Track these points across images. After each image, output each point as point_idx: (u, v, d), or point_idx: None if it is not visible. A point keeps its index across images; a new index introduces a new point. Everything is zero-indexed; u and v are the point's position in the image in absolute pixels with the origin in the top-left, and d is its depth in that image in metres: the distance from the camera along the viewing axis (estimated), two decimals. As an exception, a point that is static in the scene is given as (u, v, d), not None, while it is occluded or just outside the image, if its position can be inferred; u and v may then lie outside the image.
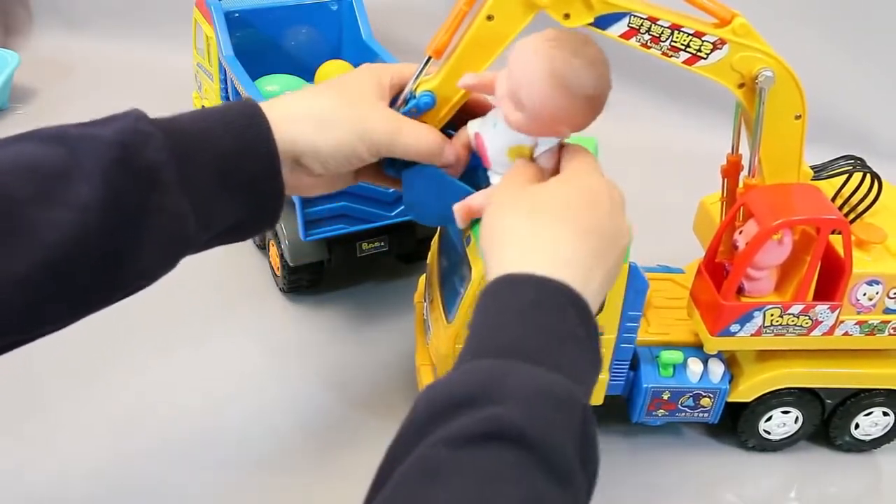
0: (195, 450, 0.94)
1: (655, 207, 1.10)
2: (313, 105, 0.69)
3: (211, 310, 1.14)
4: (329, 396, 1.01)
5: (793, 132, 0.78)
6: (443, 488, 0.45)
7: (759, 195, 0.81)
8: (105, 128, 0.59)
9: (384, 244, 1.11)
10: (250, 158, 0.64)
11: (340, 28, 1.37)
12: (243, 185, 0.64)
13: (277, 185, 0.66)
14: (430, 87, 0.71)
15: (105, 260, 0.58)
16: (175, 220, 0.61)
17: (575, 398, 0.52)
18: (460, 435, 0.48)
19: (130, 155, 0.58)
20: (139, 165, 0.58)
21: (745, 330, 0.83)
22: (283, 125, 0.65)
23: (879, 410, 0.91)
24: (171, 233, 0.61)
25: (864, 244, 0.83)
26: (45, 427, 0.96)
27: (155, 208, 0.59)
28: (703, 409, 0.90)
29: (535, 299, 0.58)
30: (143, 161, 0.59)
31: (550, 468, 0.48)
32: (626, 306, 0.83)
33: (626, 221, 0.66)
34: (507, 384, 0.51)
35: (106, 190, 0.57)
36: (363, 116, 0.68)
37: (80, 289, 0.59)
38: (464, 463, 0.47)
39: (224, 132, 0.63)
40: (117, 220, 0.58)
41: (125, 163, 0.58)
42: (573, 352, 0.57)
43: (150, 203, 0.59)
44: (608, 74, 0.67)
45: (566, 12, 0.68)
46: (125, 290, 0.62)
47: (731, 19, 0.72)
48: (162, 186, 0.59)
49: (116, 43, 1.83)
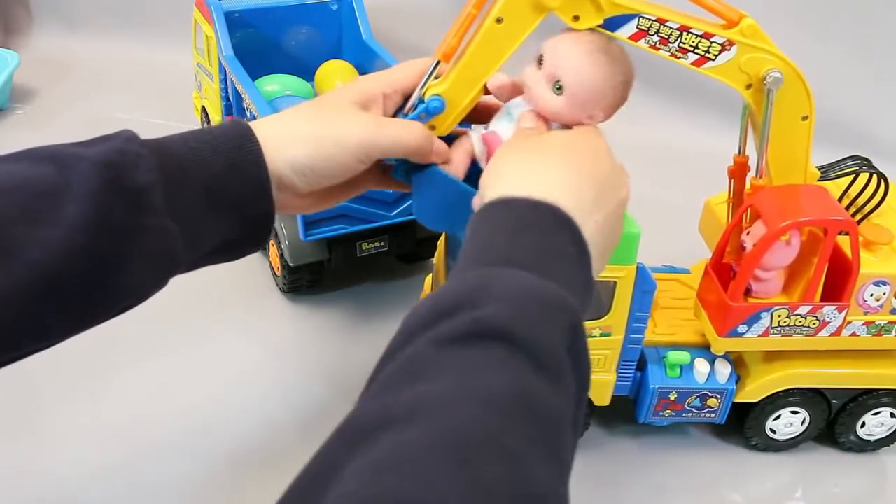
0: (195, 449, 0.94)
1: (660, 207, 1.10)
2: (293, 123, 0.68)
3: (211, 310, 1.14)
4: (329, 396, 1.02)
5: (800, 133, 0.78)
6: (427, 383, 0.45)
7: (766, 196, 0.81)
8: (95, 148, 0.59)
9: (384, 244, 1.11)
10: (240, 181, 0.64)
11: (340, 28, 1.37)
12: (233, 208, 0.64)
13: (267, 206, 0.66)
14: (440, 91, 0.71)
15: (92, 280, 0.58)
16: (163, 241, 0.61)
17: (566, 302, 0.52)
18: (447, 336, 0.47)
19: (119, 176, 0.58)
20: (128, 186, 0.58)
21: (752, 331, 0.83)
22: (271, 146, 0.65)
23: (887, 411, 0.91)
24: (159, 254, 0.61)
25: (871, 245, 0.83)
26: (44, 427, 0.96)
27: (143, 229, 0.59)
28: (709, 409, 0.90)
29: (527, 218, 0.57)
30: (133, 182, 0.58)
31: (539, 364, 0.47)
32: (634, 307, 0.83)
33: (626, 182, 0.67)
34: (494, 287, 0.50)
35: (94, 210, 0.57)
36: (338, 125, 0.68)
37: (66, 309, 0.58)
38: (449, 359, 0.46)
39: (214, 154, 0.63)
40: (105, 240, 0.57)
41: (114, 183, 0.58)
42: (566, 267, 0.56)
43: (138, 224, 0.59)
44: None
45: (576, 14, 0.68)
46: (112, 310, 0.62)
47: (739, 20, 0.72)
48: (150, 208, 0.59)
49: (116, 43, 1.83)
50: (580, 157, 0.64)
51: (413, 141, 0.69)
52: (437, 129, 0.73)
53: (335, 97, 0.71)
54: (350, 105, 0.70)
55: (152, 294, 0.64)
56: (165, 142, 0.63)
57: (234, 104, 1.25)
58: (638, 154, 1.33)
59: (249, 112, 1.15)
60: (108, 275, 0.59)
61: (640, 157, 1.36)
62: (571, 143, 0.67)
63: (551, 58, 0.68)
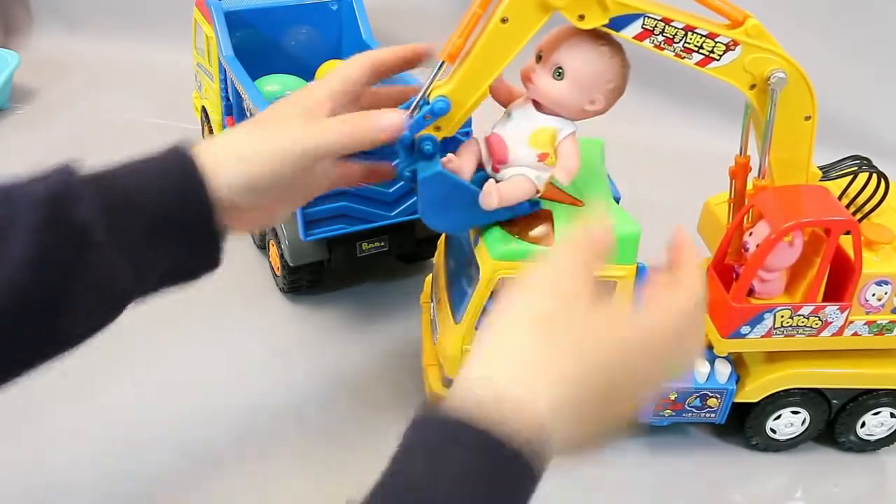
0: (195, 449, 0.94)
1: (659, 208, 1.09)
2: (233, 142, 0.68)
3: (211, 309, 1.13)
4: (329, 396, 1.02)
5: (802, 133, 0.78)
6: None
7: (769, 197, 0.81)
8: (38, 183, 0.59)
9: (384, 244, 1.11)
10: (184, 208, 0.64)
11: (340, 28, 1.37)
12: (181, 236, 0.64)
13: (216, 230, 0.65)
14: (444, 92, 0.71)
15: (37, 318, 0.58)
16: (109, 276, 0.61)
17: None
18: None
19: (60, 213, 0.58)
20: (69, 223, 0.58)
21: (755, 332, 0.83)
22: (209, 168, 0.64)
23: (887, 411, 0.92)
24: (106, 289, 0.61)
25: (872, 244, 0.83)
26: (44, 427, 0.96)
27: (86, 266, 0.59)
28: (709, 409, 0.90)
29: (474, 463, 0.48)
30: (74, 219, 0.58)
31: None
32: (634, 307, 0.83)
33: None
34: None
35: (36, 248, 0.57)
36: (275, 138, 0.67)
37: (12, 347, 0.58)
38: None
39: (159, 184, 0.63)
40: (47, 278, 0.57)
41: (55, 221, 0.58)
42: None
43: (81, 261, 0.59)
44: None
45: (581, 13, 0.68)
46: (63, 346, 0.62)
47: (743, 20, 0.72)
48: (93, 244, 0.59)
49: (116, 43, 1.83)
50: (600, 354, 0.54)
51: (364, 127, 0.68)
52: (443, 130, 0.73)
53: (276, 108, 0.71)
54: (290, 114, 0.69)
55: (106, 325, 0.64)
56: (109, 174, 0.62)
57: (234, 104, 1.25)
58: (638, 154, 1.35)
59: (249, 112, 1.15)
60: (54, 311, 0.59)
61: (640, 157, 1.37)
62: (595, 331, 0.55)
63: (551, 47, 0.70)
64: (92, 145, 1.52)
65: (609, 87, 0.73)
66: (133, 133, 1.54)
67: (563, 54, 0.71)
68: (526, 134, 0.74)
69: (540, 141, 0.74)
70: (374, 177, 0.82)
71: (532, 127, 0.74)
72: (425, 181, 0.74)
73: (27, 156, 1.47)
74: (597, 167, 0.85)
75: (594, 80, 0.71)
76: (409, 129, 0.73)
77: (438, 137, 0.74)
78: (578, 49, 0.71)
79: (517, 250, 0.76)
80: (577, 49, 0.71)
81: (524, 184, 0.75)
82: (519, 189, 0.74)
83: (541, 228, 0.77)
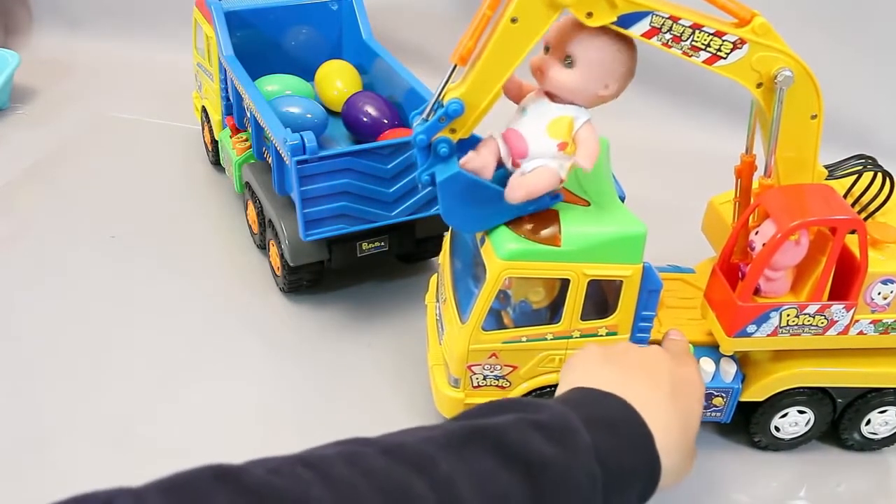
0: (194, 449, 0.93)
1: (664, 207, 1.10)
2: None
3: (211, 309, 1.14)
4: (329, 396, 1.01)
5: (809, 132, 0.78)
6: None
7: (775, 196, 0.81)
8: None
9: (384, 244, 1.11)
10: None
11: (340, 28, 1.37)
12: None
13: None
14: (458, 94, 0.71)
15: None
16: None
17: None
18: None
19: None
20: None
21: (761, 330, 0.83)
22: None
23: (893, 409, 0.91)
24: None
25: (877, 243, 0.83)
26: (44, 426, 0.96)
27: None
28: (715, 408, 0.90)
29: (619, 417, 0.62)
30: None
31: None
32: (640, 306, 0.83)
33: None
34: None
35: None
36: None
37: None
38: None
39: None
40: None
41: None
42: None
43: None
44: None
45: (589, 11, 0.68)
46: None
47: (750, 19, 0.72)
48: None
49: (116, 43, 1.84)
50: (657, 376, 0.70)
51: None
52: (458, 132, 0.73)
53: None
54: None
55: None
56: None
57: (234, 104, 1.25)
58: (642, 154, 1.35)
59: (249, 112, 1.15)
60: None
61: (644, 156, 1.37)
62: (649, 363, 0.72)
63: (558, 38, 0.71)
64: (92, 145, 1.52)
65: (621, 71, 0.74)
66: (133, 133, 1.55)
67: (572, 43, 0.72)
68: (543, 125, 0.75)
69: (558, 130, 0.75)
70: None
71: (549, 118, 0.75)
72: (444, 183, 0.75)
73: (27, 156, 1.48)
74: (602, 167, 0.85)
75: (605, 64, 0.72)
76: (425, 133, 0.73)
77: (454, 139, 0.74)
78: (586, 36, 0.71)
79: (524, 250, 0.76)
80: (585, 36, 0.71)
81: (549, 174, 0.75)
82: (544, 179, 0.75)
83: (547, 228, 0.77)
